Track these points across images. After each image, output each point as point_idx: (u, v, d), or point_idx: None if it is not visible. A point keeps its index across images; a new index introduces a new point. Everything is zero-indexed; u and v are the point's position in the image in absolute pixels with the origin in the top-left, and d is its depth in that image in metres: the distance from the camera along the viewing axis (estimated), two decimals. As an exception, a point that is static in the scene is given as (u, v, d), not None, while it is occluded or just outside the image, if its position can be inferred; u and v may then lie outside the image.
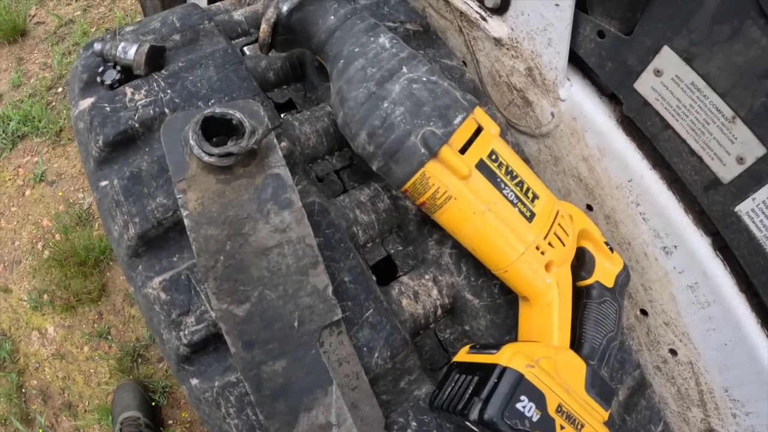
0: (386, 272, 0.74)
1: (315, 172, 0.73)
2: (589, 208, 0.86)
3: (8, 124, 2.08)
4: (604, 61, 0.74)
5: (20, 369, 1.68)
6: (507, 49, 0.84)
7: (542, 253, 0.64)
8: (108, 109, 0.69)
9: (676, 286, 0.76)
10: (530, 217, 0.63)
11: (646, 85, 0.69)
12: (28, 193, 1.97)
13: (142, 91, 0.72)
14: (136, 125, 0.68)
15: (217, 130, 0.58)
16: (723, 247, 0.72)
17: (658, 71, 0.68)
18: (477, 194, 0.60)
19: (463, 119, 0.59)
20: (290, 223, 0.55)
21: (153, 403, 1.55)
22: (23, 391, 1.64)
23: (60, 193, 1.93)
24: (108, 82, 0.74)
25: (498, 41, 0.84)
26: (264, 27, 0.65)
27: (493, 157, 0.61)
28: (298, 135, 0.72)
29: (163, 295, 0.58)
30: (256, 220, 0.55)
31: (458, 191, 0.59)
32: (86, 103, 0.73)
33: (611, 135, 0.76)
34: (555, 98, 0.81)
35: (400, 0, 0.91)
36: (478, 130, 0.61)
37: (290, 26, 0.65)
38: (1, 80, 2.24)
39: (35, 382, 1.66)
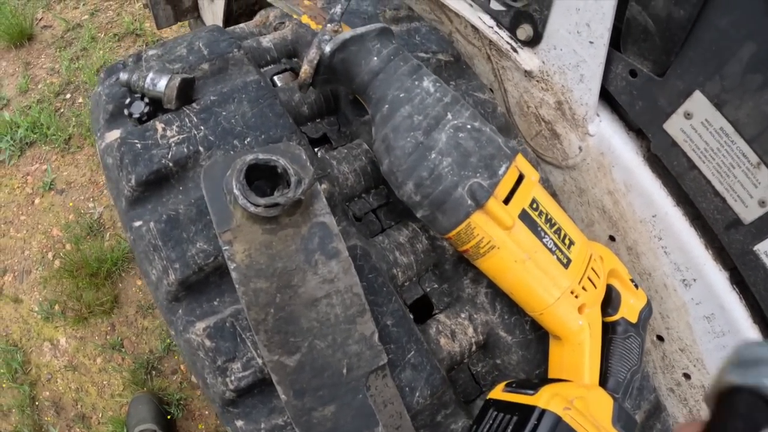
0: (421, 308, 0.75)
1: (353, 211, 0.74)
2: (612, 238, 0.88)
3: (16, 130, 2.06)
4: (635, 99, 0.75)
5: (32, 380, 1.68)
6: (537, 81, 0.85)
7: (576, 296, 0.67)
8: (139, 146, 0.68)
9: (693, 316, 0.80)
10: (567, 264, 0.65)
11: (675, 126, 0.71)
12: (37, 201, 1.96)
13: (174, 127, 0.70)
14: (170, 164, 0.68)
15: (258, 175, 0.59)
16: (739, 282, 0.75)
17: (688, 114, 0.70)
18: (519, 244, 0.61)
19: (507, 168, 0.60)
20: (338, 273, 0.57)
21: (168, 416, 1.56)
22: (36, 403, 1.65)
23: (70, 203, 1.92)
24: (136, 114, 0.72)
25: (528, 73, 0.85)
26: (306, 68, 0.64)
27: (534, 205, 0.63)
28: (336, 175, 0.73)
29: (207, 342, 0.59)
30: (304, 272, 0.56)
31: (501, 241, 0.61)
32: (113, 135, 0.72)
33: (638, 171, 0.78)
34: (584, 133, 0.83)
35: (431, 29, 0.91)
36: (520, 178, 0.62)
37: (332, 66, 0.65)
38: (9, 85, 2.22)
39: (47, 393, 1.66)
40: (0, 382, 1.69)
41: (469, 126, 0.59)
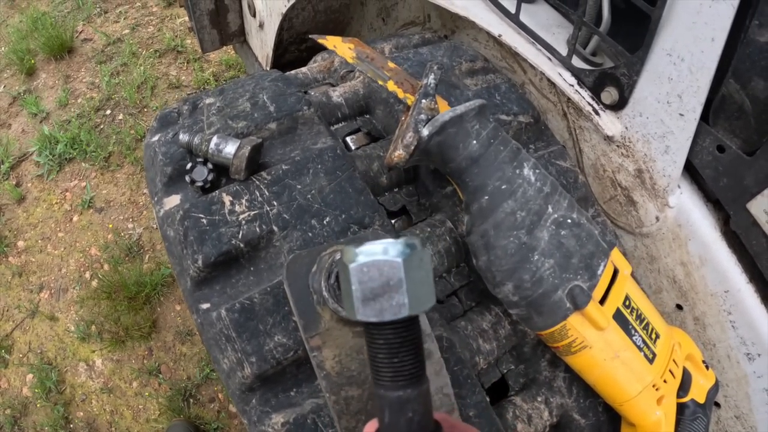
0: (495, 386, 0.72)
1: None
2: (679, 308, 0.86)
3: (55, 145, 2.07)
4: (720, 175, 0.73)
5: (66, 400, 1.68)
6: (617, 146, 0.82)
7: (657, 389, 0.65)
8: (205, 221, 0.63)
9: (753, 387, 0.79)
10: (652, 359, 0.63)
11: (759, 206, 0.69)
12: (75, 219, 1.96)
13: (244, 202, 0.65)
14: (241, 245, 0.63)
15: None
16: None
17: None
18: (610, 343, 0.59)
19: (605, 267, 0.57)
20: (430, 375, 0.54)
21: (205, 447, 1.55)
22: (69, 424, 1.65)
23: (110, 224, 1.92)
24: (199, 182, 0.66)
25: (608, 137, 0.82)
26: (401, 153, 0.59)
27: (627, 302, 0.60)
28: (418, 257, 0.69)
29: (287, 439, 0.57)
30: (396, 375, 0.53)
31: (594, 341, 0.58)
32: (172, 201, 0.69)
33: (714, 246, 0.76)
34: (663, 204, 0.80)
35: (510, 86, 0.87)
36: (614, 273, 0.60)
37: (427, 150, 0.60)
38: (48, 98, 2.24)
39: (81, 414, 1.66)
40: (34, 400, 1.70)
41: (569, 220, 0.56)
